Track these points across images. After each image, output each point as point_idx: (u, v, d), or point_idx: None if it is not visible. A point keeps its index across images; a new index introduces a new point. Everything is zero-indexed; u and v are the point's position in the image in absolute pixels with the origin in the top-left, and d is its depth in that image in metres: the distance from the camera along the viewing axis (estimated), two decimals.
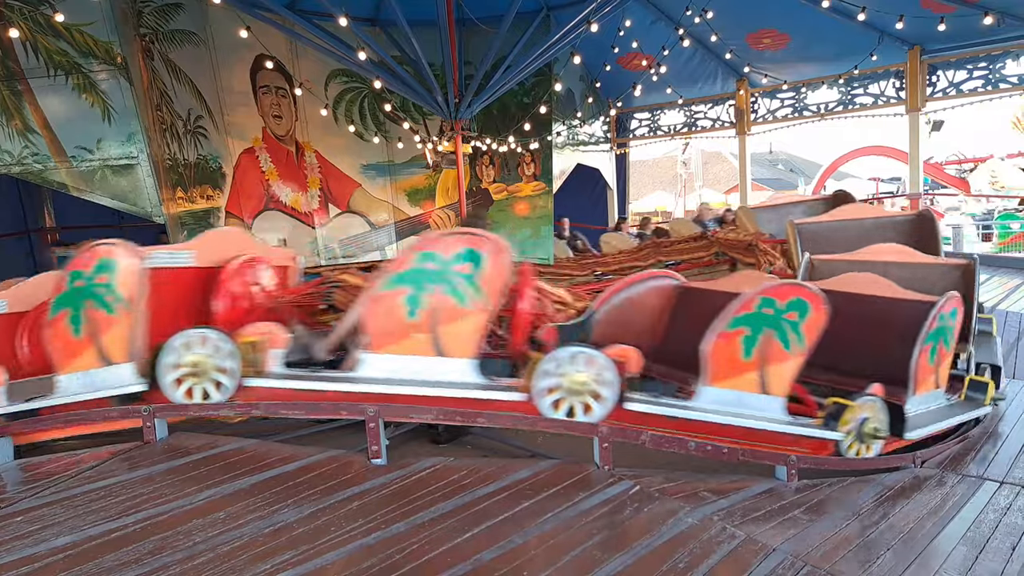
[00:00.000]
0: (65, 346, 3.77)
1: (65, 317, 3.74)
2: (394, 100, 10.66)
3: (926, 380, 4.35)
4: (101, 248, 3.76)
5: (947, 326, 4.43)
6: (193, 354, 3.71)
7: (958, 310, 4.50)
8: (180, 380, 3.72)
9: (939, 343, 4.38)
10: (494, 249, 3.66)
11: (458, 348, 3.71)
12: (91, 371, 3.77)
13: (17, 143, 7.59)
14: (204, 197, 9.00)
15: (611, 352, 3.71)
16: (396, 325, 3.68)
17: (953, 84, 11.31)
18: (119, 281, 3.72)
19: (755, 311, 3.73)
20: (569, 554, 2.58)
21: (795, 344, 3.78)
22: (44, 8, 7.31)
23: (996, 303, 8.04)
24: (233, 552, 2.52)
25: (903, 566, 2.76)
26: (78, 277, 3.73)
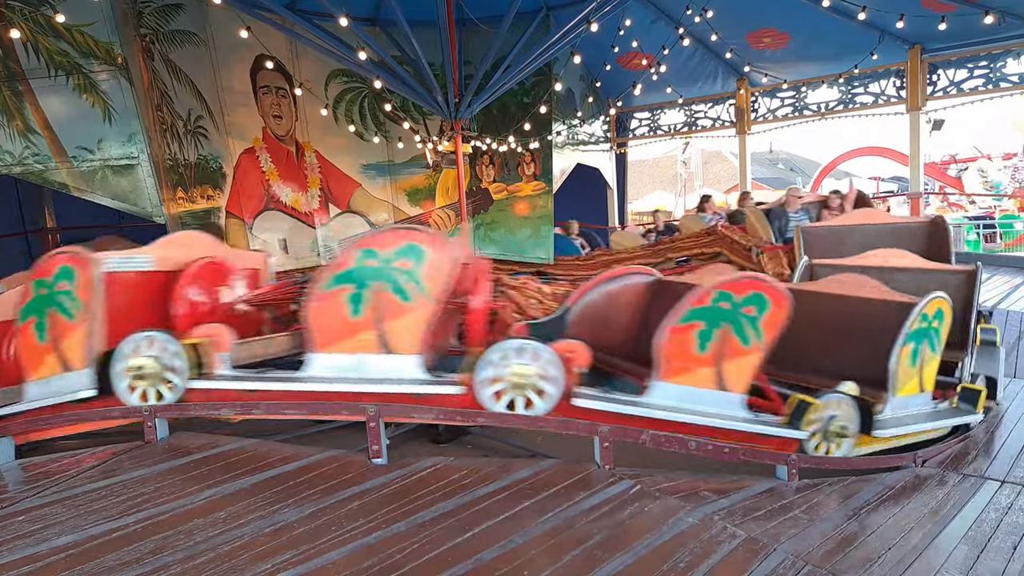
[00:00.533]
0: (32, 353, 3.81)
1: (31, 324, 3.78)
2: (394, 100, 10.67)
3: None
4: (60, 256, 3.79)
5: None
6: (141, 357, 3.70)
7: (944, 312, 4.40)
8: (132, 385, 3.72)
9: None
10: (436, 244, 3.63)
11: (403, 344, 3.68)
12: (53, 377, 3.80)
13: (18, 143, 7.60)
14: (204, 197, 9.01)
15: (558, 347, 3.64)
16: (340, 324, 3.66)
17: (954, 83, 11.32)
18: (77, 287, 3.74)
19: (711, 304, 3.66)
20: (570, 553, 2.58)
21: (753, 339, 3.69)
22: (45, 9, 7.32)
23: (997, 302, 8.03)
24: (234, 552, 2.52)
25: (904, 565, 2.76)
26: (41, 285, 3.77)
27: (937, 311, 4.32)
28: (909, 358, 4.23)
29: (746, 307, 3.66)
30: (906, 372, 4.23)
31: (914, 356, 4.26)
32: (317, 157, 10.79)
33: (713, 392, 3.72)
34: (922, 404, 4.44)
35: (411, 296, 3.61)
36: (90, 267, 3.75)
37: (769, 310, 3.68)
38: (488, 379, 3.54)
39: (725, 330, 3.66)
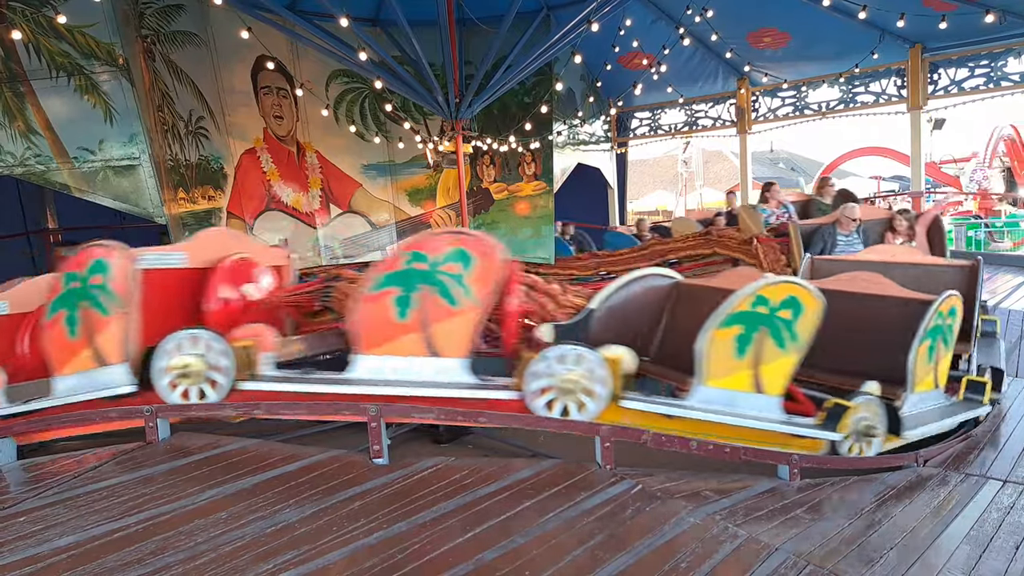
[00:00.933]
0: (62, 348, 3.78)
1: (61, 319, 3.75)
2: (395, 100, 10.67)
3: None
4: (95, 249, 3.77)
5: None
6: (184, 356, 3.69)
7: (957, 309, 4.49)
8: (174, 383, 3.71)
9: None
10: (484, 249, 3.65)
11: (450, 348, 3.70)
12: (86, 372, 3.78)
13: (20, 144, 7.61)
14: (206, 198, 9.01)
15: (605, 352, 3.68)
16: (386, 326, 3.66)
17: (954, 82, 11.31)
18: (113, 282, 3.72)
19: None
20: (571, 554, 2.58)
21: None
22: (46, 10, 7.33)
23: (999, 301, 8.03)
24: (235, 552, 2.52)
25: (906, 565, 2.75)
26: (73, 279, 3.75)
27: (951, 308, 4.41)
28: (926, 355, 4.30)
29: (782, 311, 3.73)
30: (923, 369, 4.29)
31: (930, 353, 4.33)
32: (318, 157, 10.80)
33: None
34: (937, 400, 4.51)
35: (458, 300, 3.62)
36: (127, 261, 3.74)
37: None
38: (539, 387, 3.58)
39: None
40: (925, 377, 4.36)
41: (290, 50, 10.14)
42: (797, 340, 3.76)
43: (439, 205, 11.62)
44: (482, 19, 9.24)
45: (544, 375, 3.58)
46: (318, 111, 10.50)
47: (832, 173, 27.42)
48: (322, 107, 10.51)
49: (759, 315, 3.72)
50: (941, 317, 4.34)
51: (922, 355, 4.26)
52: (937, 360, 4.43)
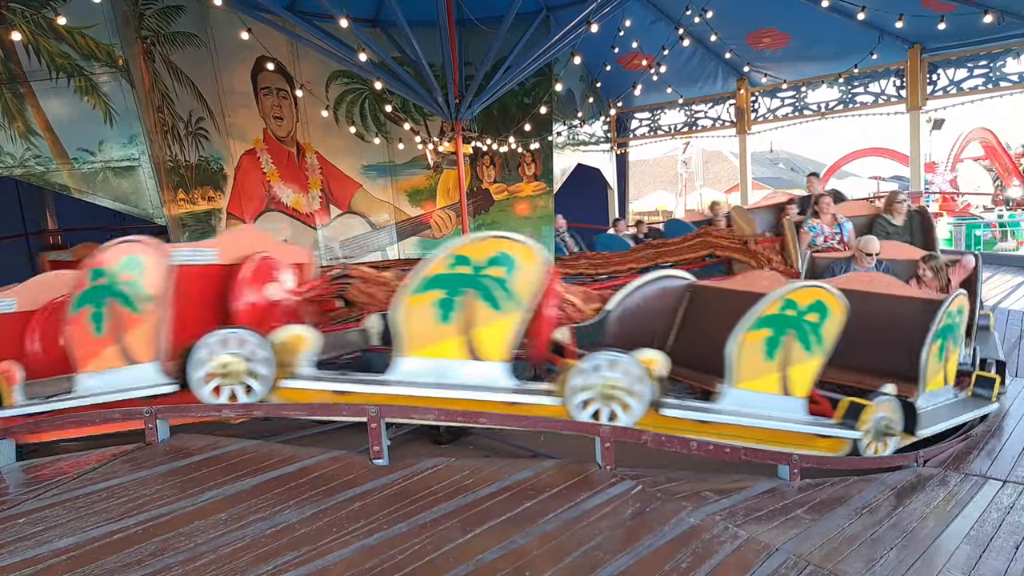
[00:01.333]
0: (86, 345, 3.70)
1: (86, 315, 3.66)
2: (395, 101, 10.68)
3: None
4: (126, 245, 3.69)
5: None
6: (226, 355, 3.64)
7: (964, 307, 4.59)
8: (209, 380, 3.66)
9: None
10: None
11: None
12: (114, 370, 3.72)
13: (19, 145, 7.61)
14: (205, 198, 9.01)
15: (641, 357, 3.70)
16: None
17: (953, 82, 11.32)
18: (146, 278, 3.66)
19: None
20: (571, 554, 2.58)
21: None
22: (46, 11, 7.33)
23: (998, 301, 8.03)
24: (235, 553, 2.52)
25: (906, 565, 2.75)
26: (100, 275, 3.66)
27: (959, 307, 4.49)
28: (937, 354, 4.37)
29: (809, 314, 3.79)
30: (935, 367, 4.36)
31: (941, 351, 4.41)
32: (318, 158, 10.80)
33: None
34: (947, 396, 4.59)
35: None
36: (161, 257, 3.69)
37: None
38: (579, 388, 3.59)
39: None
40: (936, 375, 4.43)
41: (290, 51, 10.16)
42: (822, 343, 3.83)
43: (439, 206, 11.63)
44: (482, 20, 9.25)
45: (588, 382, 3.59)
46: (318, 112, 10.50)
47: (834, 174, 27.43)
48: (322, 108, 10.51)
49: (788, 318, 3.77)
50: (951, 316, 4.41)
51: (933, 354, 4.33)
52: (947, 358, 4.51)
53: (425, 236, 11.76)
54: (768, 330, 3.77)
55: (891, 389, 4.06)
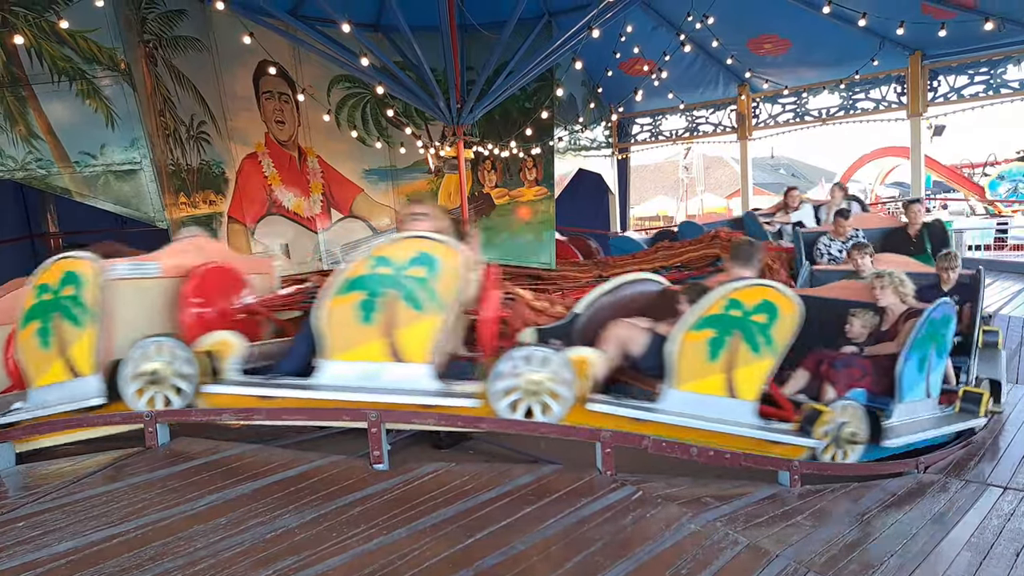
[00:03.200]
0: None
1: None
2: (396, 105, 10.69)
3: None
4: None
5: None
6: (151, 362, 3.67)
7: (951, 318, 4.44)
8: (141, 390, 3.70)
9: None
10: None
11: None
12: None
13: (21, 148, 7.61)
14: (207, 202, 9.01)
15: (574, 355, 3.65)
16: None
17: (954, 89, 11.32)
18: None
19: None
20: (571, 560, 2.58)
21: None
22: (49, 15, 7.35)
23: (999, 308, 8.02)
24: (234, 558, 2.52)
25: (907, 572, 2.75)
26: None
27: (943, 316, 4.34)
28: (916, 364, 4.25)
29: (756, 315, 3.68)
30: (912, 378, 4.24)
31: (922, 363, 4.27)
32: (319, 162, 10.81)
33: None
34: (928, 410, 4.45)
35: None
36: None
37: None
38: (502, 389, 3.54)
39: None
40: (915, 387, 4.30)
41: (292, 55, 10.17)
42: (772, 345, 3.71)
43: None
44: (484, 25, 9.27)
45: (508, 376, 3.54)
46: (320, 116, 10.52)
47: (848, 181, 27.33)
48: (324, 112, 10.53)
49: (732, 318, 3.67)
50: (933, 326, 4.29)
51: (911, 365, 4.22)
52: (929, 370, 4.37)
53: None
54: (711, 330, 3.67)
55: None
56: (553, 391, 3.55)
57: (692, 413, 3.69)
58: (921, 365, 4.29)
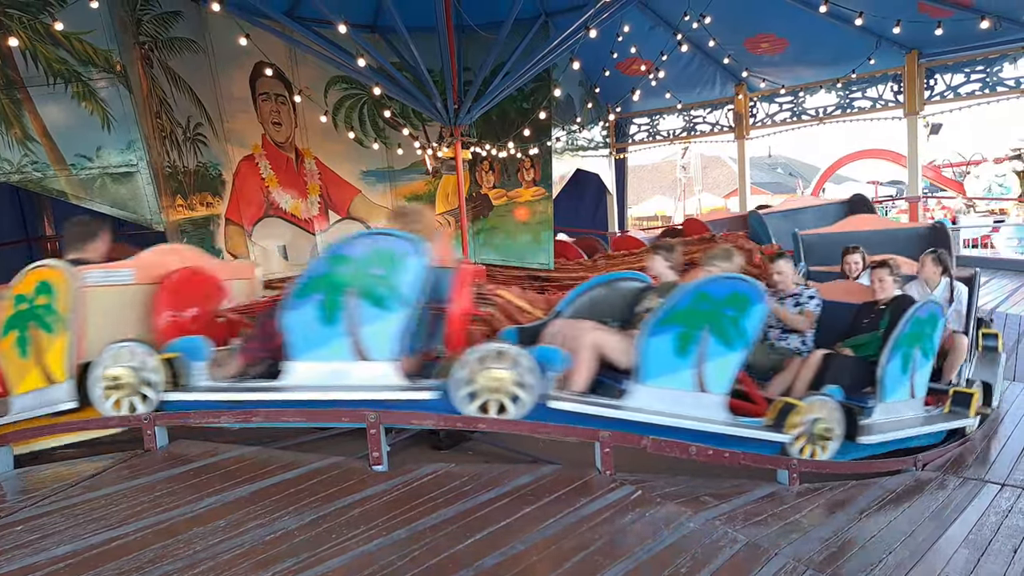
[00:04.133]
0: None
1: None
2: (393, 106, 10.69)
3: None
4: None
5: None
6: (117, 367, 3.68)
7: (938, 318, 4.42)
8: (107, 395, 3.70)
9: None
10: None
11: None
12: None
13: (16, 151, 7.60)
14: (204, 204, 9.01)
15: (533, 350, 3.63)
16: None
17: (951, 88, 11.35)
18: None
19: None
20: (571, 560, 2.58)
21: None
22: (43, 17, 7.33)
23: (996, 305, 8.04)
24: (234, 560, 2.52)
25: (905, 569, 2.75)
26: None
27: (929, 314, 4.32)
28: (899, 363, 4.23)
29: (726, 306, 3.65)
30: (894, 377, 4.23)
31: (905, 361, 4.26)
32: (317, 164, 10.81)
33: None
34: (912, 409, 4.42)
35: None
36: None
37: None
38: (462, 382, 3.53)
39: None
40: (899, 386, 4.29)
41: (288, 56, 10.17)
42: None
43: (438, 211, 11.63)
44: (481, 25, 9.27)
45: (469, 374, 3.52)
46: (317, 117, 10.52)
47: (830, 178, 27.40)
48: (321, 113, 10.53)
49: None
50: (918, 325, 4.27)
51: (894, 363, 4.20)
52: (913, 369, 4.35)
53: None
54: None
55: None
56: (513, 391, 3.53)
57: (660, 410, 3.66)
58: (905, 365, 4.27)
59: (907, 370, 4.30)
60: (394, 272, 3.57)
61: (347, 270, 3.58)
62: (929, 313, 4.33)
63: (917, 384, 4.42)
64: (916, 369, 4.36)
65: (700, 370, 3.69)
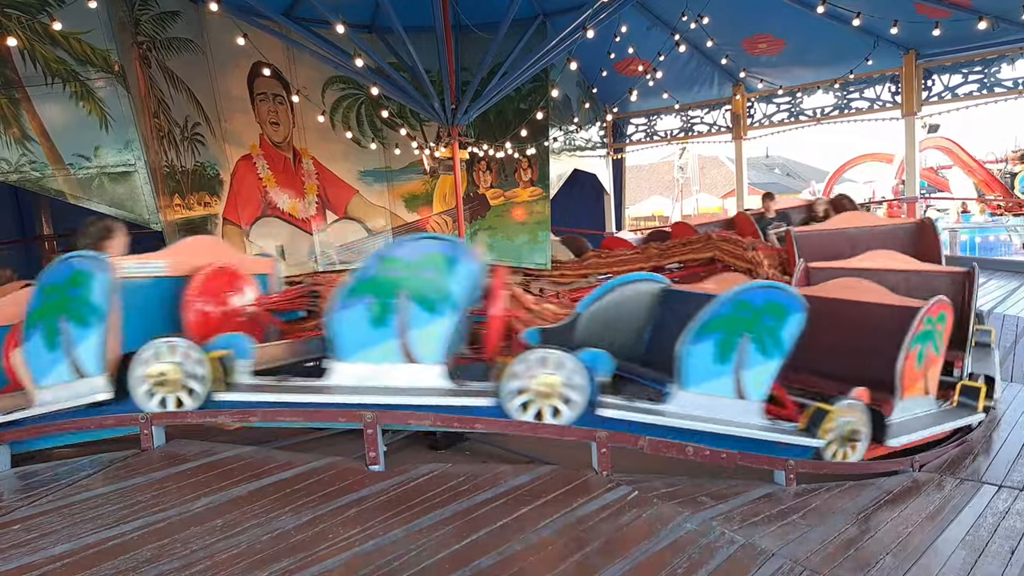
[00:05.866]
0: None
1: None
2: (391, 106, 10.69)
3: (913, 385, 4.32)
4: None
5: (935, 330, 4.39)
6: (162, 363, 3.65)
7: (946, 314, 4.47)
8: (152, 391, 3.68)
9: (927, 348, 4.34)
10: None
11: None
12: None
13: (15, 151, 7.59)
14: (202, 204, 9.00)
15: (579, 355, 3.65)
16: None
17: (948, 88, 11.36)
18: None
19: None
20: (567, 560, 2.58)
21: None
22: (42, 17, 7.32)
23: (994, 306, 8.05)
24: (231, 559, 2.51)
25: (902, 570, 2.76)
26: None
27: (940, 314, 4.40)
28: (915, 361, 4.29)
29: (766, 315, 3.71)
30: (912, 375, 4.27)
31: (919, 359, 4.33)
32: (314, 163, 10.81)
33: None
34: (927, 406, 4.49)
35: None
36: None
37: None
38: (515, 390, 3.55)
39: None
40: (914, 384, 4.34)
41: (286, 56, 10.17)
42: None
43: (436, 211, 11.64)
44: (478, 25, 9.28)
45: (522, 377, 3.54)
46: (314, 117, 10.52)
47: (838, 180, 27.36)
48: (318, 113, 10.53)
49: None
50: (930, 323, 4.33)
51: (911, 361, 4.25)
52: (927, 366, 4.41)
53: None
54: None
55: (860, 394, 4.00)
56: (564, 395, 3.55)
57: (700, 415, 3.71)
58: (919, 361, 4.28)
59: (921, 366, 4.32)
60: (446, 276, 3.60)
61: (399, 273, 3.60)
62: (940, 313, 4.37)
63: (930, 380, 4.44)
64: (929, 366, 4.39)
65: (739, 376, 3.75)
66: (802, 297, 3.80)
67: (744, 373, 3.73)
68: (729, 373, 3.73)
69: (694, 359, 3.71)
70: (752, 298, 3.71)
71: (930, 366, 4.44)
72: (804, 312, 3.77)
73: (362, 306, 3.62)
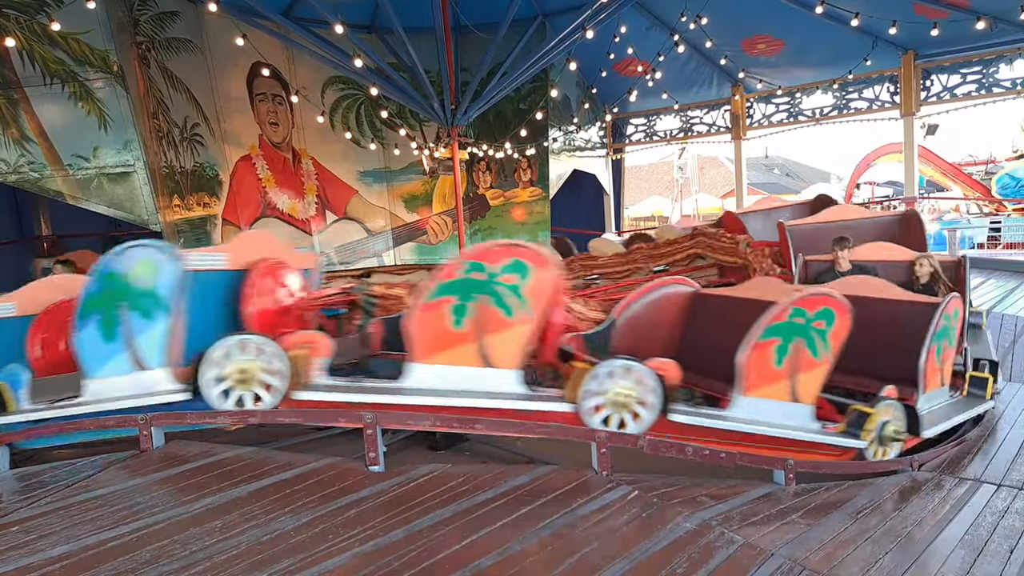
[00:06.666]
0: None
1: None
2: (390, 107, 10.69)
3: (933, 379, 4.48)
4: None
5: (951, 326, 4.57)
6: (240, 360, 3.60)
7: (960, 310, 4.67)
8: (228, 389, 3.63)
9: (943, 342, 4.51)
10: (541, 261, 3.65)
11: (503, 358, 3.70)
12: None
13: (13, 151, 7.59)
14: (201, 204, 9.00)
15: (653, 364, 3.72)
16: (442, 334, 3.65)
17: (947, 88, 11.38)
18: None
19: (787, 320, 3.80)
20: (567, 560, 2.58)
21: (823, 352, 3.86)
22: (40, 17, 7.32)
23: (992, 306, 8.05)
24: (230, 561, 2.51)
25: (901, 569, 2.76)
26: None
27: (955, 309, 4.58)
28: (935, 356, 4.46)
29: (817, 321, 3.83)
30: (933, 370, 4.44)
31: (938, 353, 4.50)
32: (314, 164, 10.81)
33: (789, 404, 3.87)
34: (943, 398, 4.67)
35: (514, 311, 3.63)
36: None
37: (836, 323, 3.86)
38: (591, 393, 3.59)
39: (799, 344, 3.81)
40: (934, 377, 4.49)
41: (285, 57, 10.17)
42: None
43: (435, 211, 11.64)
44: (478, 26, 9.28)
45: (598, 390, 3.60)
46: (314, 118, 10.52)
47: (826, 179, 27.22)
48: (318, 114, 10.53)
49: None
50: (947, 318, 4.48)
51: (932, 356, 4.40)
52: (944, 360, 4.58)
53: (421, 242, 11.76)
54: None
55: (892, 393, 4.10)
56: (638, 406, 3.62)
57: (761, 419, 3.81)
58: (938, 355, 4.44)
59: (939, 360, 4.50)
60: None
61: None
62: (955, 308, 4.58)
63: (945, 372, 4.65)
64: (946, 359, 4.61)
65: (792, 381, 3.85)
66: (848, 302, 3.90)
67: (797, 378, 3.85)
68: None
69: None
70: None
71: (946, 359, 4.61)
72: (851, 315, 3.88)
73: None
